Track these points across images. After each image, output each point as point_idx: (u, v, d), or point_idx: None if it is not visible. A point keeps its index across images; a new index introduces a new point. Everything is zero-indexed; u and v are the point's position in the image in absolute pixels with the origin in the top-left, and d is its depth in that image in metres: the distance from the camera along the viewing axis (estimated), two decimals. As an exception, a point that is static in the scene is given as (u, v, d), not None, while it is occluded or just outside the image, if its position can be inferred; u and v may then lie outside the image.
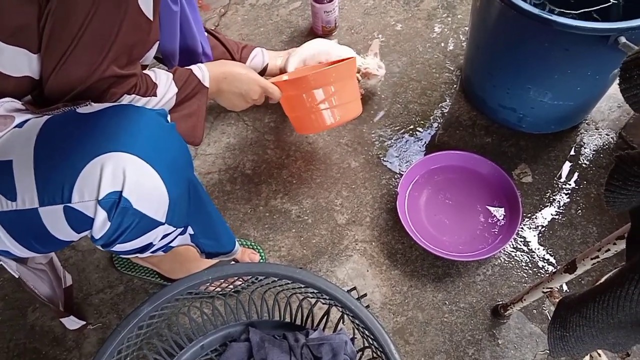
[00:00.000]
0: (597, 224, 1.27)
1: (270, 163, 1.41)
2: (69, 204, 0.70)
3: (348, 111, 1.24)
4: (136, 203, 0.72)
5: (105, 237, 0.74)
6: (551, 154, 1.38)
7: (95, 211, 0.70)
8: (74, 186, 0.69)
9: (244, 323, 1.08)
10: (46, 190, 0.71)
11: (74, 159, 0.70)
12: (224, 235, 1.04)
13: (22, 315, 1.23)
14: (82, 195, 0.70)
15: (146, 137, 0.74)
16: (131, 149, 0.71)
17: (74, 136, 0.72)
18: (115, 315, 1.21)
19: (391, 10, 1.71)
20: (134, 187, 0.71)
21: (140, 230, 0.76)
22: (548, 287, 0.95)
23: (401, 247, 1.26)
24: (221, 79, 1.07)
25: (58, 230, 0.75)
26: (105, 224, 0.72)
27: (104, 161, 0.69)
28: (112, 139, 0.71)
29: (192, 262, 1.17)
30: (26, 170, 0.71)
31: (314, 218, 1.31)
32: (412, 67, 1.57)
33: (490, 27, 1.25)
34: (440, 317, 1.17)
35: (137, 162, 0.71)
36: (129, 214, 0.72)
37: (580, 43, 1.07)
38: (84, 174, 0.69)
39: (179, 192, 0.78)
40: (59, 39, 0.73)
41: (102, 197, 0.69)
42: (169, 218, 0.78)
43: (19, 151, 0.73)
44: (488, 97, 1.39)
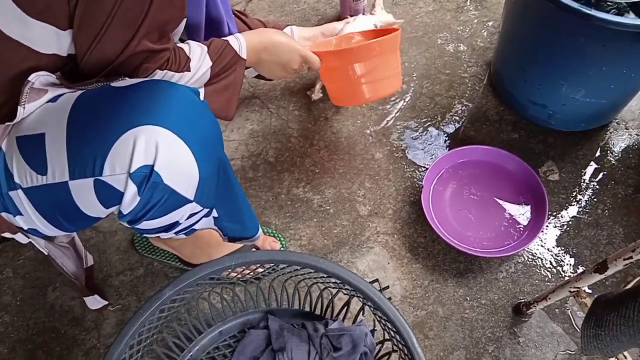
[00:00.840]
0: (623, 225, 1.25)
1: (293, 151, 1.40)
2: (99, 177, 0.70)
3: (388, 86, 1.21)
4: (167, 178, 0.71)
5: (133, 213, 0.74)
6: (579, 152, 1.36)
7: (126, 185, 0.70)
8: (105, 159, 0.69)
9: (263, 310, 1.07)
10: (77, 163, 0.70)
11: (106, 132, 0.70)
12: (248, 219, 1.04)
13: (42, 294, 1.23)
14: (114, 169, 0.69)
15: (180, 112, 0.73)
16: (164, 123, 0.70)
17: (107, 109, 0.72)
18: (134, 298, 1.21)
19: (420, 1, 1.68)
20: (166, 162, 0.70)
21: (168, 206, 0.76)
22: (575, 287, 0.94)
23: (423, 241, 1.24)
24: (261, 48, 1.04)
25: (87, 205, 0.75)
26: (135, 198, 0.71)
27: (137, 134, 0.69)
28: (146, 112, 0.70)
29: (214, 248, 1.16)
30: (58, 144, 0.71)
31: (336, 208, 1.30)
32: (439, 59, 1.54)
33: (524, 20, 1.23)
34: (461, 313, 1.15)
35: (170, 137, 0.70)
36: (159, 189, 0.72)
37: (619, 39, 1.04)
38: (116, 146, 0.69)
39: (209, 170, 0.78)
40: (93, 18, 0.72)
41: (133, 170, 0.69)
42: (197, 196, 0.78)
43: (52, 125, 0.73)
44: (518, 92, 1.37)
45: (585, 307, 0.90)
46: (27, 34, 0.70)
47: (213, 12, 1.09)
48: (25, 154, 0.74)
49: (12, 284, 1.25)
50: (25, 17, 0.68)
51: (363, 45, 1.15)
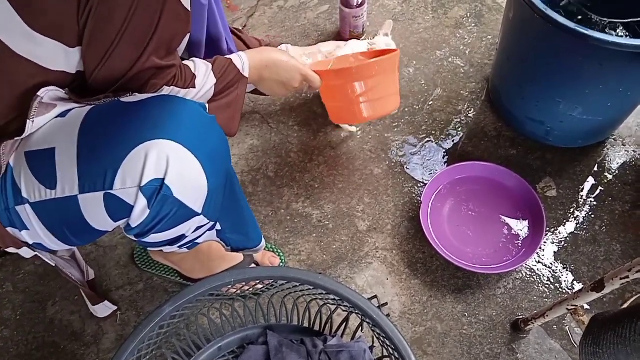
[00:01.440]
0: (621, 242, 1.25)
1: (293, 166, 1.41)
2: (110, 190, 0.71)
3: (387, 105, 1.22)
4: (177, 192, 0.73)
5: (141, 226, 0.75)
6: (577, 168, 1.37)
7: (136, 198, 0.71)
8: (117, 172, 0.70)
9: (262, 326, 1.08)
10: (88, 177, 0.72)
11: (118, 146, 0.71)
12: (252, 230, 1.05)
13: (42, 309, 1.24)
14: (125, 182, 0.70)
15: (189, 126, 0.74)
16: (175, 137, 0.71)
17: (118, 124, 0.73)
18: (134, 313, 1.21)
19: (419, 17, 1.70)
20: (176, 176, 0.72)
21: (176, 220, 0.77)
22: (573, 305, 0.94)
23: (422, 257, 1.25)
24: (262, 67, 1.06)
25: (95, 218, 0.76)
26: (145, 211, 0.73)
27: (149, 148, 0.70)
28: (157, 126, 0.72)
29: (214, 262, 1.17)
30: (69, 158, 0.72)
31: (335, 223, 1.31)
32: (438, 75, 1.56)
33: (522, 38, 1.24)
34: (459, 329, 1.16)
35: (180, 151, 0.72)
36: (168, 202, 0.73)
37: (615, 59, 1.06)
38: (128, 160, 0.70)
39: (217, 183, 0.79)
40: (103, 35, 0.73)
41: (144, 183, 0.70)
42: (205, 209, 0.79)
43: (63, 139, 0.74)
44: (515, 109, 1.38)
45: (583, 324, 0.90)
46: (36, 51, 0.71)
47: (212, 29, 1.11)
48: (34, 168, 0.75)
49: (12, 298, 1.25)
50: (33, 34, 0.69)
51: (363, 65, 1.16)
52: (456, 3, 1.73)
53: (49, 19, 0.70)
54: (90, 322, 1.21)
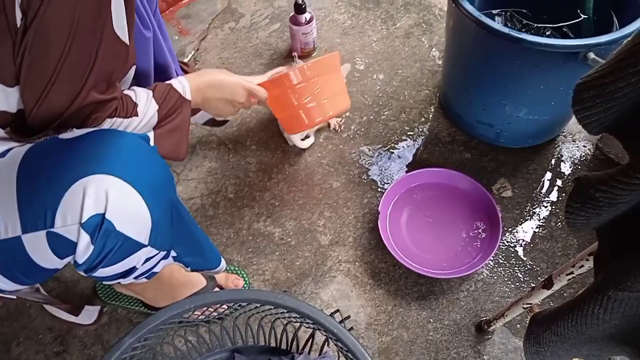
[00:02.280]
0: (577, 236, 1.28)
1: (252, 186, 1.41)
2: (51, 229, 0.70)
3: (336, 105, 1.23)
4: (119, 225, 0.72)
5: (88, 262, 0.74)
6: (530, 167, 1.40)
7: (79, 235, 0.70)
8: (56, 210, 0.70)
9: (229, 349, 1.07)
10: (29, 216, 0.71)
11: (56, 184, 0.70)
12: (208, 252, 1.04)
13: (6, 350, 1.21)
14: (65, 220, 0.70)
15: (127, 159, 0.74)
16: (113, 171, 0.71)
17: (56, 161, 0.72)
18: (99, 347, 1.20)
19: (369, 30, 1.73)
20: (117, 209, 0.71)
21: (123, 253, 0.76)
22: (528, 303, 0.96)
23: (384, 266, 1.26)
24: (204, 87, 1.06)
25: (41, 257, 0.75)
26: (89, 247, 0.72)
27: (86, 184, 0.69)
28: (94, 161, 0.71)
29: (176, 289, 1.16)
30: (9, 198, 0.71)
31: (297, 240, 1.32)
32: (390, 86, 1.58)
33: (463, 45, 1.27)
34: (425, 336, 1.17)
35: (119, 184, 0.71)
36: (111, 236, 0.72)
37: (550, 59, 1.09)
38: (66, 197, 0.69)
39: (161, 214, 0.78)
40: (39, 73, 0.73)
41: (84, 220, 0.69)
42: (152, 240, 0.78)
43: (2, 179, 0.73)
44: (465, 113, 1.41)
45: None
46: None
47: (160, 59, 1.11)
48: None
49: (-26, 342, 1.23)
50: None
51: (301, 67, 1.17)
52: (404, 14, 1.76)
53: None
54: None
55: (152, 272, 0.91)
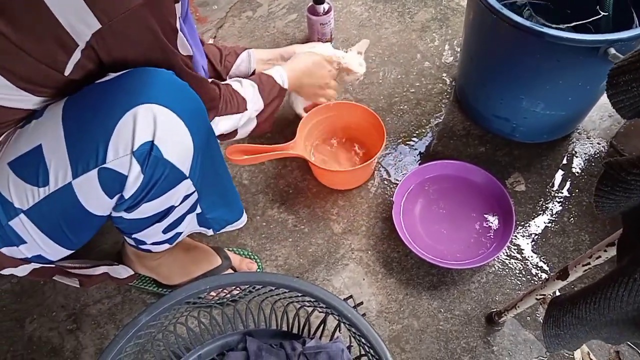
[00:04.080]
0: (589, 232, 1.29)
1: (267, 173, 1.42)
2: (103, 164, 0.73)
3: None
4: (166, 152, 0.76)
5: (134, 195, 0.78)
6: (544, 162, 1.41)
7: (130, 165, 0.74)
8: (108, 145, 0.73)
9: (241, 332, 1.09)
10: (80, 158, 0.74)
11: (105, 119, 0.73)
12: (233, 200, 1.07)
13: (20, 327, 1.23)
14: (117, 152, 0.73)
15: (168, 89, 0.77)
16: (158, 100, 0.74)
17: (100, 101, 0.75)
18: (112, 326, 1.21)
19: (386, 22, 1.73)
20: (164, 136, 0.75)
21: (167, 184, 0.80)
22: (541, 294, 0.97)
23: (397, 256, 1.27)
24: (300, 75, 1.25)
25: (91, 200, 0.78)
26: (139, 177, 0.75)
27: (136, 113, 0.72)
28: (138, 93, 0.74)
29: (191, 266, 1.18)
30: (57, 147, 0.74)
31: (311, 227, 1.33)
32: (406, 78, 1.59)
33: (483, 39, 1.28)
34: (436, 325, 1.18)
35: (165, 112, 0.75)
36: (159, 164, 0.76)
37: (571, 54, 1.09)
38: (118, 129, 0.72)
39: (201, 140, 0.82)
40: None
41: (136, 148, 0.73)
42: (191, 172, 0.82)
43: (47, 133, 0.76)
44: (482, 107, 1.41)
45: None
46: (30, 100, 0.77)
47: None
48: (22, 174, 0.77)
49: (-12, 317, 1.25)
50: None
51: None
52: (421, 8, 1.77)
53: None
54: (69, 337, 1.21)
55: (177, 234, 0.95)
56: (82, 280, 1.05)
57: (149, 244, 0.97)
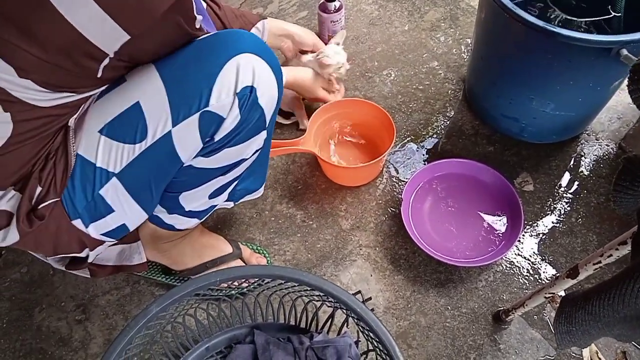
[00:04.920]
0: (597, 232, 1.29)
1: (276, 169, 1.43)
2: (206, 108, 0.78)
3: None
4: (261, 98, 0.82)
5: (224, 138, 0.83)
6: (552, 163, 1.41)
7: (231, 107, 0.79)
8: (212, 88, 0.78)
9: (249, 325, 1.09)
10: (182, 105, 0.78)
11: (208, 66, 0.78)
12: (265, 164, 1.11)
13: (29, 316, 1.24)
14: (220, 96, 0.78)
15: (259, 45, 0.82)
16: (253, 50, 0.80)
17: (198, 52, 0.79)
18: (121, 317, 1.22)
19: (396, 21, 1.74)
20: (261, 83, 0.81)
21: (253, 130, 0.86)
22: (550, 292, 0.97)
23: (404, 253, 1.28)
24: (294, 80, 1.34)
25: (186, 145, 0.82)
26: (236, 119, 0.81)
27: (239, 60, 0.78)
28: (236, 44, 0.80)
29: (202, 250, 1.19)
30: (158, 99, 0.78)
31: (319, 223, 1.33)
32: (416, 77, 1.59)
33: (494, 38, 1.28)
34: (443, 322, 1.18)
35: (261, 62, 0.81)
36: (255, 107, 0.82)
37: (583, 55, 1.10)
38: (222, 74, 0.78)
39: (280, 95, 0.88)
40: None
41: (239, 90, 0.78)
42: (269, 124, 0.90)
43: (144, 89, 0.79)
44: (491, 106, 1.42)
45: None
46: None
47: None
48: (117, 135, 0.81)
49: (-2, 306, 1.26)
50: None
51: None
52: (431, 7, 1.77)
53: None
54: (78, 327, 1.21)
55: (212, 206, 1.03)
56: (93, 270, 1.06)
57: (181, 214, 1.01)
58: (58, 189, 0.83)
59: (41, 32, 0.64)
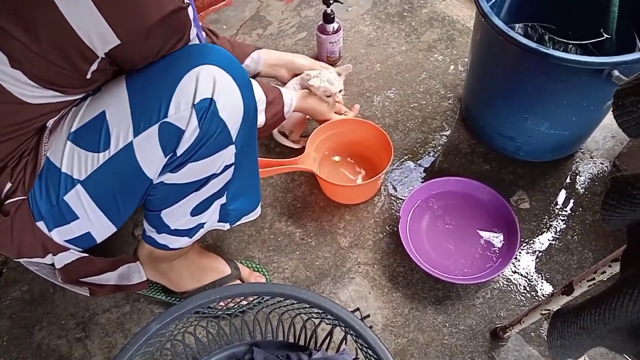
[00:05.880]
0: (592, 250, 1.30)
1: (275, 187, 1.45)
2: (165, 119, 0.79)
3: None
4: (221, 110, 0.82)
5: (187, 152, 0.83)
6: (548, 181, 1.43)
7: (189, 119, 0.79)
8: (171, 99, 0.79)
9: (248, 343, 1.10)
10: (143, 114, 0.79)
11: (170, 76, 0.79)
12: (255, 184, 1.11)
13: (29, 334, 1.24)
14: (178, 106, 0.79)
15: (225, 57, 0.84)
16: (217, 63, 0.81)
17: (163, 64, 0.81)
18: (121, 335, 1.23)
19: (393, 42, 1.77)
20: (221, 95, 0.81)
21: (217, 144, 0.85)
22: (546, 309, 0.98)
23: (402, 270, 1.29)
24: (304, 109, 1.36)
25: (148, 159, 0.83)
26: (195, 132, 0.81)
27: (199, 71, 0.79)
28: (200, 55, 0.81)
29: (201, 272, 1.20)
30: (121, 109, 0.80)
31: (318, 240, 1.34)
32: (413, 97, 1.62)
33: (489, 59, 1.31)
34: (441, 339, 1.19)
35: (223, 74, 0.81)
36: (214, 120, 0.82)
37: (575, 75, 1.12)
38: (181, 84, 0.79)
39: (249, 110, 0.88)
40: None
41: (197, 102, 0.78)
42: (237, 138, 0.88)
43: (110, 99, 0.81)
44: (487, 125, 1.44)
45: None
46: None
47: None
48: (83, 142, 0.82)
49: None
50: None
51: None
52: (428, 28, 1.81)
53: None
54: (78, 345, 1.22)
55: (199, 224, 1.01)
56: (93, 290, 1.07)
57: (170, 233, 1.01)
58: (26, 188, 0.85)
59: (38, 24, 0.67)
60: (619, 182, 0.56)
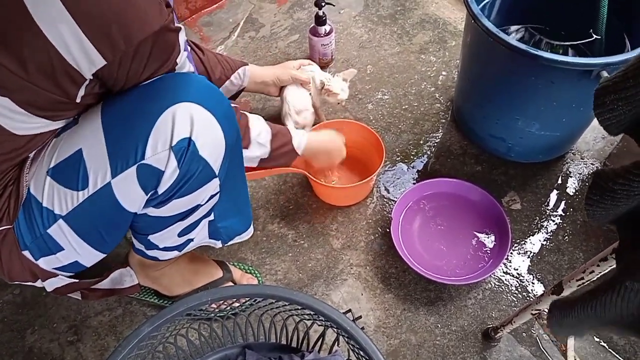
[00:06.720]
0: (583, 250, 1.31)
1: (267, 189, 1.45)
2: (142, 161, 0.76)
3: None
4: (201, 149, 0.79)
5: (168, 191, 0.80)
6: (539, 182, 1.43)
7: (168, 160, 0.77)
8: (147, 141, 0.76)
9: (240, 345, 1.10)
10: (120, 157, 0.77)
11: (145, 117, 0.76)
12: (244, 206, 1.09)
13: (20, 337, 1.24)
14: (156, 148, 0.76)
15: (203, 90, 0.80)
16: (194, 99, 0.78)
17: (138, 101, 0.78)
18: (113, 338, 1.22)
19: (385, 44, 1.78)
20: (200, 133, 0.78)
21: (199, 181, 0.83)
22: (536, 309, 0.99)
23: (394, 272, 1.29)
24: (318, 150, 1.25)
25: (128, 198, 0.80)
26: (175, 172, 0.78)
27: (175, 111, 0.76)
28: (176, 92, 0.78)
29: (193, 277, 1.20)
30: (97, 149, 0.77)
31: (310, 242, 1.35)
32: (405, 99, 1.63)
33: (480, 61, 1.31)
34: (433, 340, 1.19)
35: (201, 110, 0.78)
36: (195, 160, 0.79)
37: (565, 76, 1.13)
38: (157, 126, 0.75)
39: (231, 141, 0.85)
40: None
41: (174, 143, 0.76)
42: (220, 170, 0.85)
43: (86, 136, 0.79)
44: (478, 127, 1.45)
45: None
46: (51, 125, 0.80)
47: None
48: (62, 179, 0.80)
49: (-11, 328, 1.26)
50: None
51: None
52: (420, 30, 1.81)
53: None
54: (70, 348, 1.22)
55: (188, 240, 0.98)
56: (85, 294, 1.07)
57: (159, 249, 1.00)
58: (11, 217, 0.83)
59: (24, 49, 0.66)
60: (600, 177, 0.57)
